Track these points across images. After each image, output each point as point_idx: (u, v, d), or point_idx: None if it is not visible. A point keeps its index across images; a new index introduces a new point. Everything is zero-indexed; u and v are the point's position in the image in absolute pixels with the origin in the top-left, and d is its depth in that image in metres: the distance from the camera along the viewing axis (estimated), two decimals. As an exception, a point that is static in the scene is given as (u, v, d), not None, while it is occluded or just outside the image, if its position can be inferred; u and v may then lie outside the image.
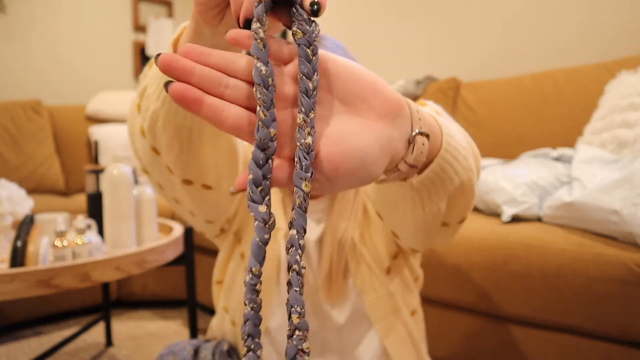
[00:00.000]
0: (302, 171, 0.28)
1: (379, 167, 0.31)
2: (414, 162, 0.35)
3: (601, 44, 1.62)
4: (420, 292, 0.77)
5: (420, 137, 0.34)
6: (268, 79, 0.28)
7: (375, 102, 0.31)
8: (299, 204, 0.28)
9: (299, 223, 0.28)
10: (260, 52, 0.28)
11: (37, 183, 2.17)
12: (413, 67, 2.16)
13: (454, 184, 0.45)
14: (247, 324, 0.27)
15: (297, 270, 0.27)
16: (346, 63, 0.31)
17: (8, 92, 2.47)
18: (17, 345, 1.61)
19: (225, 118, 0.29)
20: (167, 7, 3.12)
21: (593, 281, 0.89)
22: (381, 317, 0.68)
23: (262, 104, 0.28)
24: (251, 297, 0.27)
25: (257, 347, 0.27)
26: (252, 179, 0.28)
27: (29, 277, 0.85)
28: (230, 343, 0.73)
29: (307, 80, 0.29)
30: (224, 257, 0.74)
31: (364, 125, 0.31)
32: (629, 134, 1.15)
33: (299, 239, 0.28)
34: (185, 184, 0.59)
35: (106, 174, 1.08)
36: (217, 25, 0.39)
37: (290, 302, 0.27)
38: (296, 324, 0.27)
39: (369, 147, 0.30)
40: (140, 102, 0.53)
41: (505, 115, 1.65)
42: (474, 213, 1.25)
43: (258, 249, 0.27)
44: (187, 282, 1.21)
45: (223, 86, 0.29)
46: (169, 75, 0.28)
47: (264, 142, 0.28)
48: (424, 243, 0.61)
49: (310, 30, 0.29)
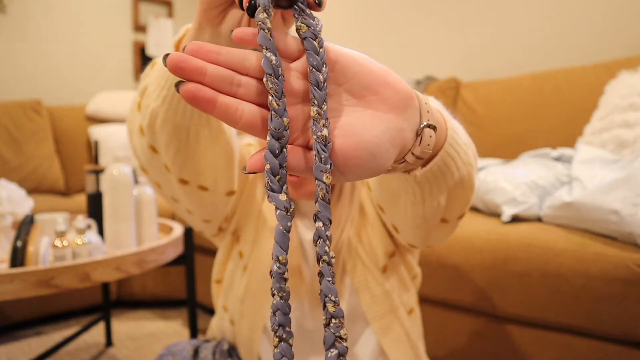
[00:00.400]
0: (321, 164, 0.28)
1: (389, 159, 0.31)
2: (420, 154, 0.35)
3: (601, 44, 1.62)
4: (420, 292, 0.77)
5: (428, 130, 0.34)
6: (278, 68, 0.28)
7: (387, 94, 0.31)
8: (322, 196, 0.28)
9: (324, 215, 0.28)
10: (269, 41, 0.28)
11: (37, 183, 2.17)
12: (413, 67, 2.16)
13: (454, 178, 0.45)
14: (277, 313, 0.27)
15: (327, 261, 0.27)
16: (355, 55, 0.31)
17: (8, 92, 2.47)
18: (17, 345, 1.61)
19: (240, 117, 0.29)
20: (167, 7, 3.12)
21: (593, 281, 0.89)
22: (377, 316, 0.68)
23: (274, 93, 0.28)
24: (280, 286, 0.27)
25: (289, 336, 0.27)
26: (270, 168, 0.28)
27: (29, 277, 0.85)
28: (230, 342, 0.73)
29: (318, 73, 0.29)
30: (223, 256, 0.75)
31: (374, 117, 0.31)
32: (629, 134, 1.15)
33: (326, 231, 0.28)
34: (181, 184, 0.59)
35: (106, 174, 1.08)
36: (218, 26, 0.39)
37: (324, 292, 0.27)
38: (332, 312, 0.27)
39: (379, 139, 0.30)
40: (141, 101, 0.53)
41: (505, 115, 1.65)
42: (474, 213, 1.25)
43: (282, 236, 0.27)
44: (187, 282, 1.21)
45: (235, 85, 0.29)
46: (179, 76, 0.28)
47: (279, 131, 0.28)
48: (423, 239, 0.61)
49: (314, 23, 0.30)
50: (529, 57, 1.80)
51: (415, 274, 0.74)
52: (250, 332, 0.70)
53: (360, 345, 0.70)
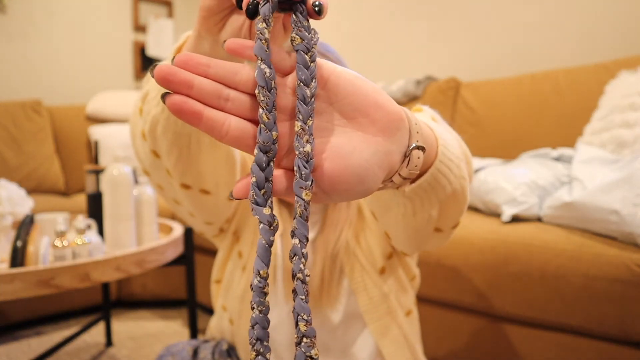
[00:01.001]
0: (302, 180, 0.28)
1: (376, 182, 0.31)
2: (407, 175, 0.34)
3: (601, 44, 1.62)
4: (420, 292, 0.77)
5: (416, 151, 0.33)
6: (271, 81, 0.28)
7: (377, 117, 0.31)
8: (299, 213, 0.28)
9: (301, 232, 0.28)
10: (265, 53, 0.28)
11: (37, 183, 2.17)
12: (413, 67, 2.16)
13: (445, 192, 0.45)
14: (256, 327, 0.27)
15: (302, 279, 0.27)
16: (347, 74, 0.31)
17: (8, 92, 2.47)
18: (17, 345, 1.61)
19: (226, 132, 0.28)
20: (167, 7, 3.12)
21: (593, 281, 0.89)
22: (375, 317, 0.68)
23: (265, 106, 0.28)
24: (259, 300, 0.27)
25: (266, 351, 0.27)
26: (255, 181, 0.28)
27: (29, 277, 0.85)
28: (229, 342, 0.73)
29: (305, 87, 0.29)
30: (223, 256, 0.75)
31: (363, 139, 0.30)
32: (629, 134, 1.15)
33: (302, 248, 0.28)
34: (183, 188, 0.60)
35: (106, 174, 1.08)
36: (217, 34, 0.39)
37: (297, 311, 0.27)
38: (304, 332, 0.26)
39: (368, 163, 0.30)
40: (142, 106, 0.53)
41: (505, 115, 1.65)
42: (474, 213, 1.25)
43: (264, 251, 0.27)
44: (187, 282, 1.21)
45: (223, 99, 0.29)
46: (166, 88, 0.28)
47: (267, 144, 0.28)
48: (415, 248, 0.62)
49: (309, 37, 0.29)
50: (529, 57, 1.80)
51: (414, 275, 0.74)
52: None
53: (358, 346, 0.70)
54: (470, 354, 1.10)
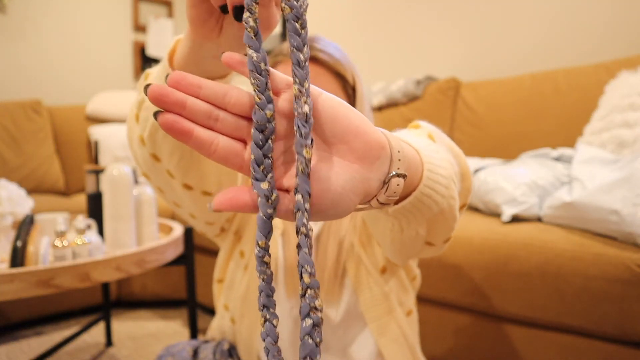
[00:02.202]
0: (302, 139, 0.29)
1: (350, 207, 0.32)
2: (385, 201, 0.35)
3: (601, 44, 1.62)
4: (420, 292, 0.77)
5: (396, 179, 0.34)
6: (260, 64, 0.29)
7: (355, 145, 0.31)
8: (301, 169, 0.29)
9: (303, 187, 0.29)
10: (252, 40, 0.30)
11: (37, 183, 2.17)
12: (413, 67, 2.16)
13: (432, 212, 0.44)
14: (261, 295, 0.29)
15: (305, 233, 0.29)
16: (331, 101, 0.31)
17: (8, 92, 2.47)
18: (17, 345, 1.61)
19: (214, 150, 0.30)
20: (167, 7, 3.12)
21: (593, 281, 0.89)
22: (375, 317, 0.68)
23: (257, 88, 0.29)
24: (261, 268, 0.29)
25: (273, 317, 0.29)
26: (254, 159, 0.29)
27: (29, 277, 0.85)
28: (230, 342, 0.73)
29: (299, 53, 0.30)
30: (225, 255, 0.75)
31: (341, 165, 0.31)
32: (629, 134, 1.15)
33: (305, 203, 0.29)
34: (185, 189, 0.60)
35: (106, 174, 1.08)
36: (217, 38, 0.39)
37: (301, 263, 0.28)
38: (307, 283, 0.28)
39: (343, 189, 0.31)
40: (139, 113, 0.53)
41: (505, 115, 1.65)
42: (474, 213, 1.25)
43: (262, 222, 0.29)
44: (187, 282, 1.21)
45: (213, 119, 0.30)
46: (160, 107, 0.29)
47: (262, 124, 0.29)
48: (405, 260, 0.62)
49: (298, 5, 0.30)
50: (529, 57, 1.80)
51: (414, 275, 0.74)
52: (250, 331, 0.70)
53: (358, 345, 0.70)
54: (470, 354, 1.10)
